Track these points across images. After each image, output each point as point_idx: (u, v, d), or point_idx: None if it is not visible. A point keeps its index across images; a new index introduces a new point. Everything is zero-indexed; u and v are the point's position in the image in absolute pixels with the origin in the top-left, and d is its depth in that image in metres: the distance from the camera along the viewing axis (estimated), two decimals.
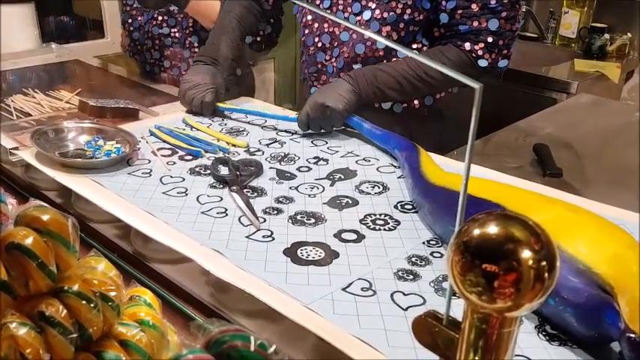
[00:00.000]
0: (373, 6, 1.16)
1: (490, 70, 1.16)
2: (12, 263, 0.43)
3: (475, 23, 1.12)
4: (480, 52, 1.13)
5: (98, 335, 0.45)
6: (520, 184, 0.94)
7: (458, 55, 1.15)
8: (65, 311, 0.43)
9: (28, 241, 0.42)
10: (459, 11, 1.13)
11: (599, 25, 2.50)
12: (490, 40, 1.12)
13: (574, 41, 2.59)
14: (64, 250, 0.45)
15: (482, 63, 1.13)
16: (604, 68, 2.30)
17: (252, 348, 0.32)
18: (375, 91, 1.15)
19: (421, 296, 0.69)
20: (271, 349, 0.32)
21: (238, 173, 0.98)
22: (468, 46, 1.13)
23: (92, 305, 0.44)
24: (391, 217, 0.87)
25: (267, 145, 1.14)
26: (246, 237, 0.80)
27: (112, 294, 0.46)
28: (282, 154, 1.09)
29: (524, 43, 2.74)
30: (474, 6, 1.11)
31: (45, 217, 0.44)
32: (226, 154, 1.08)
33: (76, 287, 0.44)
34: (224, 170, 1.00)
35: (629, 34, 2.48)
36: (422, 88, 1.18)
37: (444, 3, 1.14)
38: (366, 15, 1.17)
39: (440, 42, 1.20)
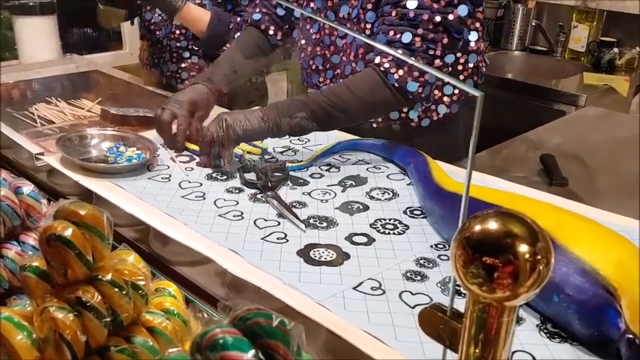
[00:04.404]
0: (355, 28, 1.19)
1: (399, 90, 1.08)
2: (52, 253, 0.47)
3: (391, 33, 1.08)
4: (387, 65, 1.07)
5: (129, 321, 0.49)
6: (526, 193, 0.97)
7: (370, 74, 1.10)
8: (100, 297, 0.47)
9: (68, 232, 0.47)
10: (382, 17, 1.11)
11: (608, 39, 2.53)
12: (400, 52, 1.05)
13: (583, 55, 2.62)
14: (99, 241, 0.49)
15: (390, 79, 1.07)
16: (613, 82, 2.33)
17: (274, 324, 0.36)
18: (287, 120, 1.07)
19: (428, 296, 0.72)
20: (290, 326, 0.36)
21: (270, 179, 1.01)
22: (378, 59, 1.08)
23: (124, 293, 0.48)
24: (400, 222, 0.90)
25: (281, 152, 1.18)
26: (262, 239, 0.84)
27: (141, 283, 0.50)
28: (296, 161, 1.13)
29: (534, 57, 2.78)
30: (394, 13, 1.08)
31: (82, 212, 0.48)
32: (251, 162, 1.11)
33: (109, 276, 0.48)
34: (252, 176, 1.04)
35: (638, 48, 2.51)
36: (341, 117, 1.10)
37: (383, 8, 1.13)
38: (349, 38, 1.21)
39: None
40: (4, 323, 0.47)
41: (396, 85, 1.07)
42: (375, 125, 1.28)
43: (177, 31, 1.62)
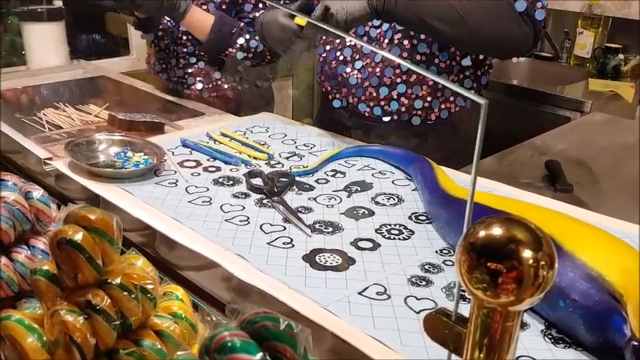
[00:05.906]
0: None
1: (527, 19, 1.11)
2: (63, 257, 0.48)
3: None
4: None
5: (137, 324, 0.49)
6: (531, 199, 0.97)
7: None
8: (109, 300, 0.47)
9: (78, 236, 0.47)
10: None
11: (613, 45, 2.53)
12: None
13: (588, 61, 2.63)
14: (109, 246, 0.50)
15: (520, 5, 1.07)
16: (618, 88, 2.33)
17: (281, 327, 0.36)
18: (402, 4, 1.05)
19: (433, 301, 0.73)
20: (297, 329, 0.37)
21: (276, 184, 1.02)
22: None
23: (133, 296, 0.48)
24: (406, 227, 0.91)
25: (287, 158, 1.18)
26: (267, 243, 0.84)
27: (150, 287, 0.51)
28: (301, 167, 1.13)
29: (540, 63, 2.78)
30: None
31: (92, 216, 0.49)
32: (257, 167, 1.12)
33: (118, 280, 0.49)
34: (258, 181, 1.05)
35: None
36: (460, 23, 1.07)
37: None
38: (385, 26, 1.23)
39: None
40: (15, 326, 0.47)
41: (526, 12, 1.07)
42: (395, 117, 1.29)
43: (184, 37, 1.63)
